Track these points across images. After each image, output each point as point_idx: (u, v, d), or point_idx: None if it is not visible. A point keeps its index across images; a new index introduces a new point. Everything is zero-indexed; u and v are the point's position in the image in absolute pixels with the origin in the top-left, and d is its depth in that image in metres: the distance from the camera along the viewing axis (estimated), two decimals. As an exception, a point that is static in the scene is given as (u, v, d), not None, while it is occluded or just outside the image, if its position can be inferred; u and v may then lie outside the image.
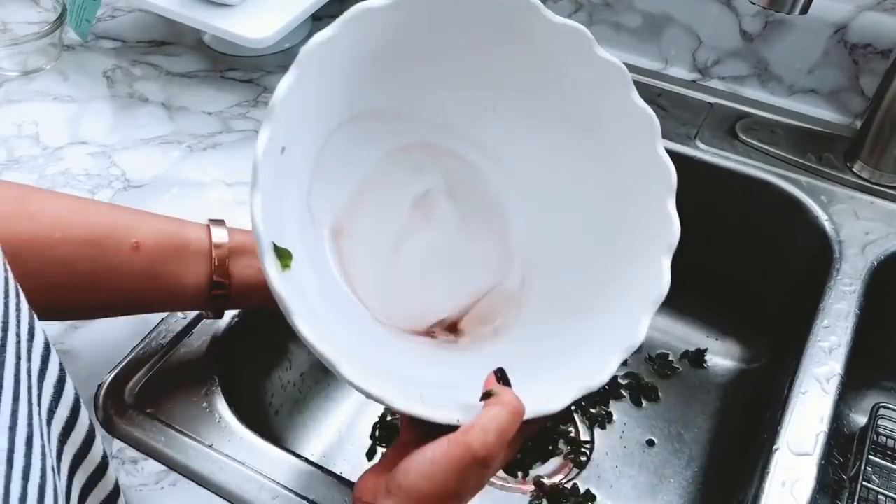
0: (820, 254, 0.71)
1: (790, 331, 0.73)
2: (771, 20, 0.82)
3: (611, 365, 0.47)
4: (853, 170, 0.77)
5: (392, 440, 0.73)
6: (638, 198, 0.52)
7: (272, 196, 0.43)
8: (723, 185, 0.79)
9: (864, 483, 0.67)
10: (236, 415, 0.56)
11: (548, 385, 0.46)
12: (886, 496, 0.67)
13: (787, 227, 0.76)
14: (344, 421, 0.75)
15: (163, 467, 0.53)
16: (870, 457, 0.69)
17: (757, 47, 0.84)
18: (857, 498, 0.66)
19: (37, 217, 0.48)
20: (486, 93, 0.55)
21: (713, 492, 0.72)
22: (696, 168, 0.79)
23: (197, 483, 0.52)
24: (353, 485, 0.52)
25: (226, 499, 0.51)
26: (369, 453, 0.73)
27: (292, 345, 0.71)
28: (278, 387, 0.70)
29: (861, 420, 0.76)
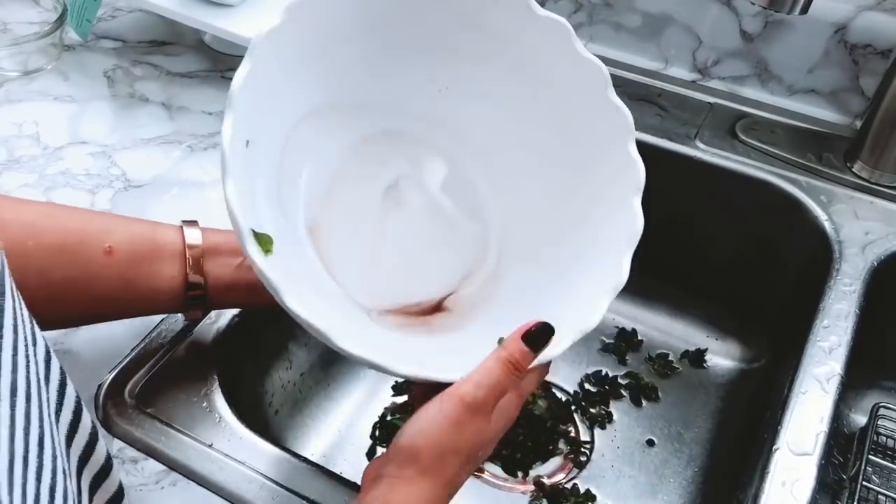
0: (820, 254, 0.71)
1: (790, 331, 0.73)
2: (771, 20, 0.82)
3: (601, 306, 0.48)
4: (853, 170, 0.77)
5: (392, 440, 0.73)
6: (596, 146, 0.53)
7: (244, 188, 0.43)
8: (722, 185, 0.79)
9: (864, 483, 0.67)
10: (236, 415, 0.56)
11: None
12: (886, 496, 0.67)
13: (787, 227, 0.76)
14: (344, 421, 0.75)
15: (163, 467, 0.53)
16: (870, 457, 0.69)
17: (757, 47, 0.84)
18: (857, 498, 0.66)
19: (9, 225, 0.47)
20: (440, 72, 0.55)
21: (713, 492, 0.72)
22: (695, 168, 0.79)
23: (197, 483, 0.52)
24: (353, 485, 0.52)
25: (226, 499, 0.51)
26: (369, 453, 0.73)
27: (292, 345, 0.71)
28: (278, 387, 0.70)
29: (861, 420, 0.76)
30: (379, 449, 0.73)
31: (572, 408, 0.77)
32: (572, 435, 0.75)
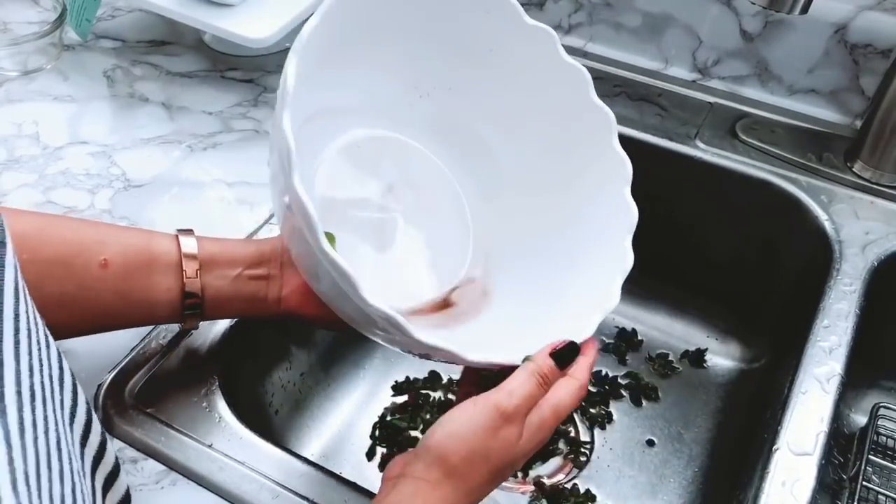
0: (820, 254, 0.71)
1: (790, 331, 0.73)
2: (771, 20, 0.82)
3: (616, 287, 0.49)
4: (853, 170, 0.77)
5: (392, 440, 0.73)
6: (581, 144, 0.55)
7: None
8: (723, 185, 0.79)
9: (864, 483, 0.67)
10: (236, 415, 0.56)
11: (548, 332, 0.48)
12: (886, 496, 0.67)
13: (787, 227, 0.76)
14: (344, 421, 0.75)
15: (163, 467, 0.53)
16: (870, 457, 0.69)
17: (757, 47, 0.84)
18: (857, 498, 0.66)
19: None
20: (426, 80, 0.56)
21: (713, 492, 0.72)
22: (695, 168, 0.79)
23: (197, 483, 0.52)
24: (353, 485, 0.52)
25: (226, 499, 0.51)
26: (369, 453, 0.73)
27: (292, 345, 0.71)
28: (278, 387, 0.70)
29: (861, 420, 0.76)
30: (379, 449, 0.73)
31: (572, 408, 0.77)
32: (572, 435, 0.75)
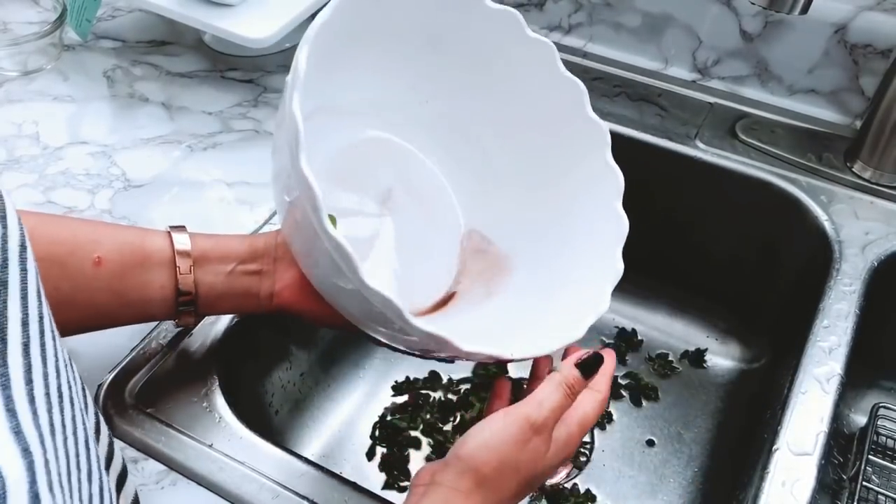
0: (820, 254, 0.71)
1: (790, 331, 0.73)
2: (771, 20, 0.82)
3: (606, 293, 0.50)
4: (853, 170, 0.77)
5: (392, 440, 0.73)
6: (576, 154, 0.55)
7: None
8: (722, 185, 0.79)
9: (864, 483, 0.67)
10: (236, 415, 0.56)
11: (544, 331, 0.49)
12: (886, 496, 0.67)
13: (787, 227, 0.76)
14: (344, 421, 0.75)
15: (163, 467, 0.53)
16: (870, 457, 0.69)
17: (757, 47, 0.84)
18: (856, 498, 0.66)
19: None
20: (424, 84, 0.57)
21: (713, 492, 0.72)
22: (695, 168, 0.79)
23: (197, 483, 0.52)
24: (353, 485, 0.52)
25: (226, 499, 0.51)
26: (369, 453, 0.73)
27: (292, 345, 0.71)
28: (278, 387, 0.70)
29: (861, 420, 0.76)
30: (379, 449, 0.73)
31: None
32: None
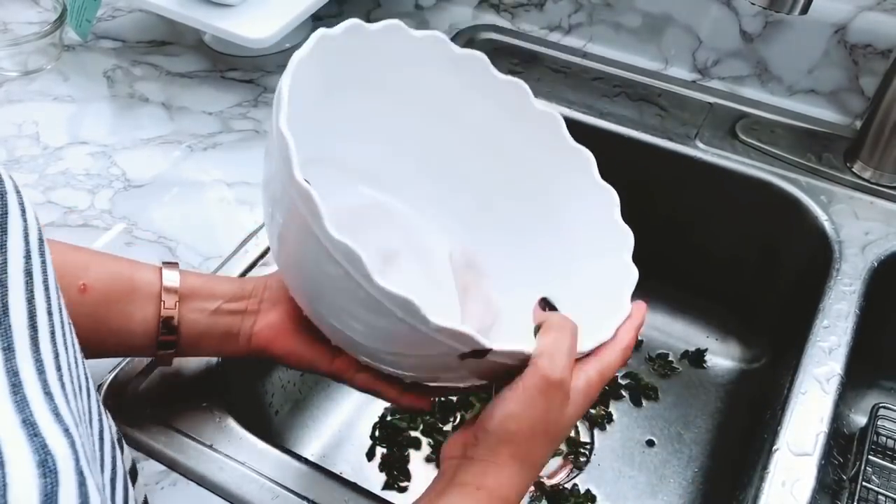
0: (820, 254, 0.71)
1: (790, 331, 0.73)
2: (771, 20, 0.82)
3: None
4: (853, 170, 0.77)
5: (392, 440, 0.73)
6: (564, 180, 0.54)
7: None
8: (722, 186, 0.79)
9: (864, 483, 0.67)
10: (236, 415, 0.56)
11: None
12: (886, 496, 0.67)
13: (787, 227, 0.76)
14: (344, 421, 0.75)
15: (163, 467, 0.53)
16: (870, 457, 0.69)
17: (757, 47, 0.84)
18: (856, 498, 0.66)
19: None
20: (404, 131, 0.56)
21: (713, 492, 0.72)
22: (695, 168, 0.79)
23: (197, 483, 0.52)
24: (352, 485, 0.52)
25: (226, 499, 0.51)
26: (369, 453, 0.73)
27: (292, 345, 0.71)
28: (278, 387, 0.70)
29: (861, 420, 0.76)
30: (379, 449, 0.73)
31: (572, 408, 0.77)
32: (572, 435, 0.75)
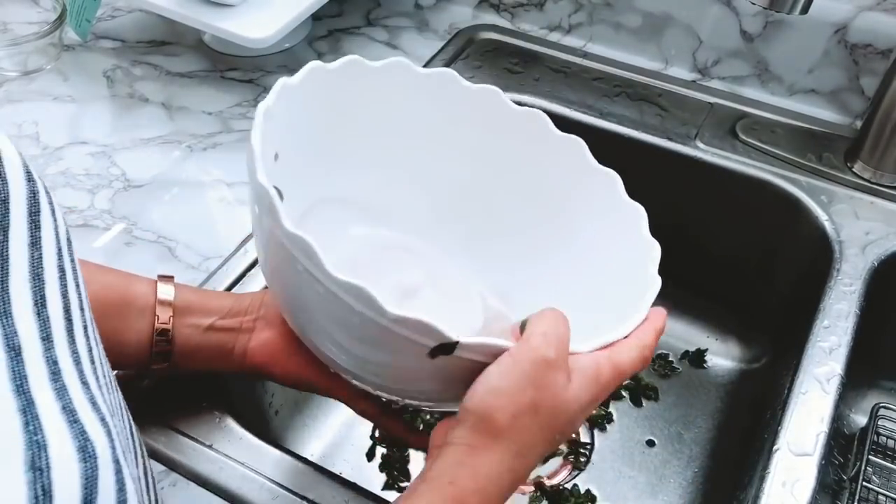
0: (820, 254, 0.71)
1: (790, 331, 0.73)
2: (771, 20, 0.82)
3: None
4: (853, 170, 0.77)
5: (392, 440, 0.73)
6: (590, 201, 0.55)
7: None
8: (723, 186, 0.79)
9: (865, 483, 0.67)
10: (236, 415, 0.56)
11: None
12: (886, 496, 0.67)
13: (788, 227, 0.76)
14: (344, 421, 0.75)
15: (163, 467, 0.53)
16: (870, 457, 0.69)
17: (757, 47, 0.84)
18: (857, 498, 0.66)
19: None
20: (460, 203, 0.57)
21: (713, 492, 0.72)
22: (695, 168, 0.79)
23: (197, 483, 0.52)
24: (352, 485, 0.52)
25: (226, 499, 0.51)
26: (369, 453, 0.73)
27: (292, 345, 0.71)
28: (278, 387, 0.70)
29: (861, 420, 0.76)
30: (379, 449, 0.73)
31: (572, 408, 0.77)
32: (572, 436, 0.75)
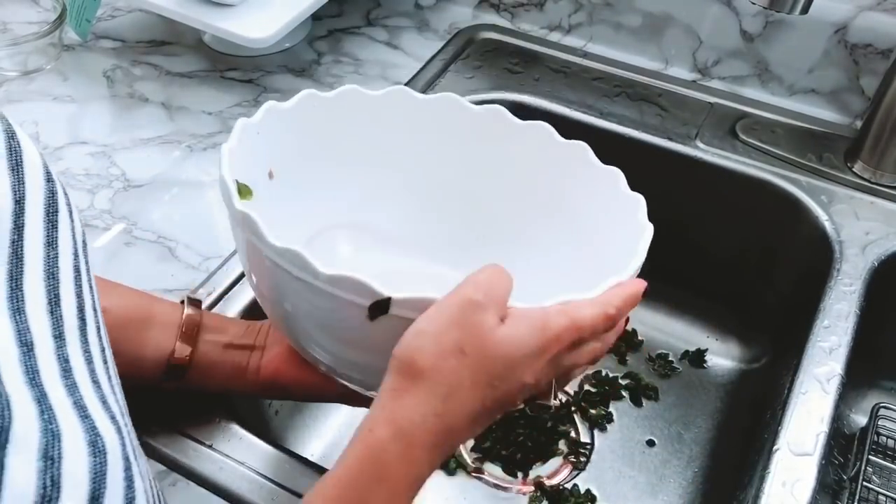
0: (820, 254, 0.71)
1: (790, 331, 0.73)
2: (771, 20, 0.82)
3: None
4: (853, 170, 0.77)
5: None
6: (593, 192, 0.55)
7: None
8: (723, 186, 0.79)
9: (865, 483, 0.67)
10: (236, 415, 0.56)
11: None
12: (886, 496, 0.67)
13: (788, 227, 0.76)
14: (344, 421, 0.75)
15: (163, 467, 0.53)
16: (870, 457, 0.69)
17: (757, 47, 0.84)
18: (857, 498, 0.66)
19: None
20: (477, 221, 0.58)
21: (713, 492, 0.72)
22: (695, 168, 0.79)
23: (197, 483, 0.52)
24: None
25: (226, 499, 0.51)
26: (369, 453, 0.73)
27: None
28: (278, 387, 0.70)
29: (861, 420, 0.76)
30: (379, 449, 0.73)
31: (572, 409, 0.77)
32: (572, 436, 0.75)
